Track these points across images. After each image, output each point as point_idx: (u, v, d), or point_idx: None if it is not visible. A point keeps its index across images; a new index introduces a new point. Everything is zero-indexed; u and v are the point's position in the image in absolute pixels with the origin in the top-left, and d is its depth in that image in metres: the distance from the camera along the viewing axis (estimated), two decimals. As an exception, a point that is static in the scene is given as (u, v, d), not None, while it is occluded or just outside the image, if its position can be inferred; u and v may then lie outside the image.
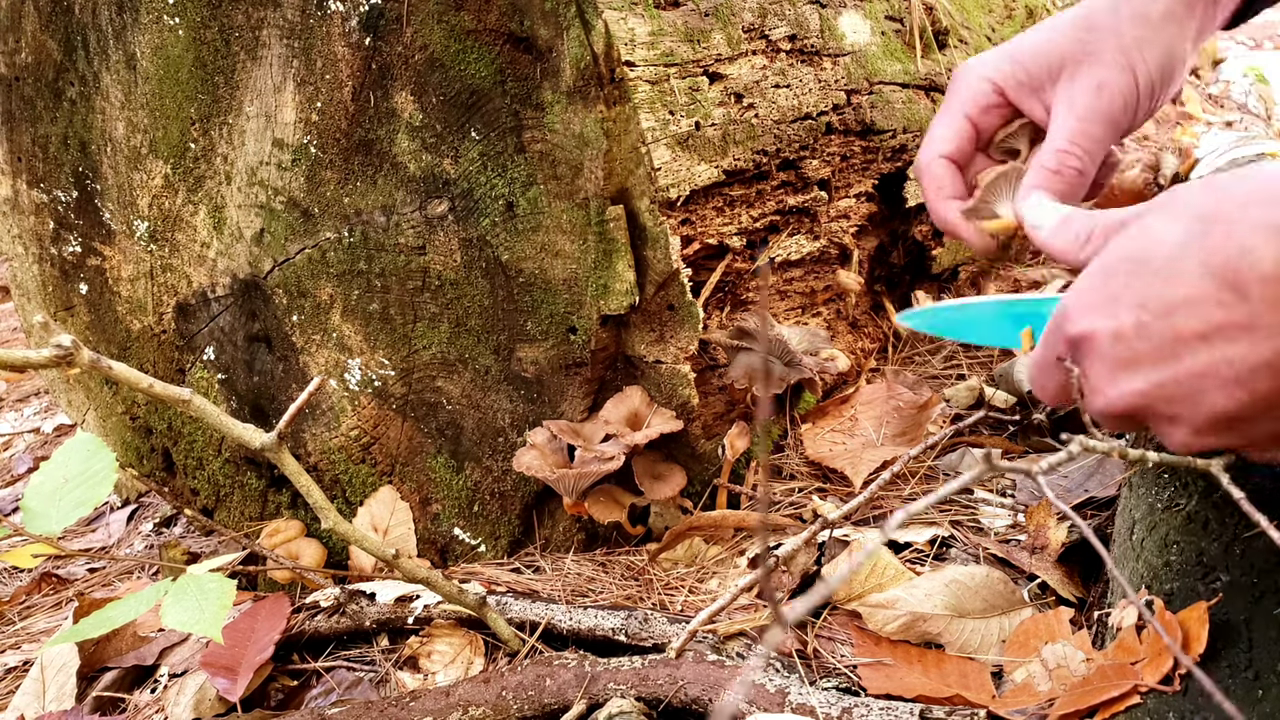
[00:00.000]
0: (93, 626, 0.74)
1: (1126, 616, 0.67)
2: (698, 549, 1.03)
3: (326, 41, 0.96)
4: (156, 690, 1.00)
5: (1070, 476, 1.03)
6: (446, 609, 0.96)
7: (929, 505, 0.47)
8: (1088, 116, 0.75)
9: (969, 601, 0.82)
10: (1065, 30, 0.76)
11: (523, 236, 0.94)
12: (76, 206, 1.22)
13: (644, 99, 0.88)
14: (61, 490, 0.80)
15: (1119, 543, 0.80)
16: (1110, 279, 0.57)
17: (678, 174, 0.91)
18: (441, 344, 1.03)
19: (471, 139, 0.92)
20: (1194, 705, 0.57)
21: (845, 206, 1.15)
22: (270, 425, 1.00)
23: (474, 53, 0.89)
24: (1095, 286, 0.58)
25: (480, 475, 1.08)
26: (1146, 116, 0.77)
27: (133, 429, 1.31)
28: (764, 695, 0.73)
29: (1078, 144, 0.75)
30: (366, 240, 1.02)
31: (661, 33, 0.91)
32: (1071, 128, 0.75)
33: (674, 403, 0.98)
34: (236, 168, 1.07)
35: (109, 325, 1.26)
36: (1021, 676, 0.74)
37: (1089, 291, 0.58)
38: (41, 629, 1.23)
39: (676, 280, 0.93)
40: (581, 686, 0.79)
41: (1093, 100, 0.74)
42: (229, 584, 0.74)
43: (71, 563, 1.48)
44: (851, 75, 1.12)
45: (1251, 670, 0.56)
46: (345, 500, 1.17)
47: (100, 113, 1.15)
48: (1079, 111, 0.75)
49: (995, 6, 1.61)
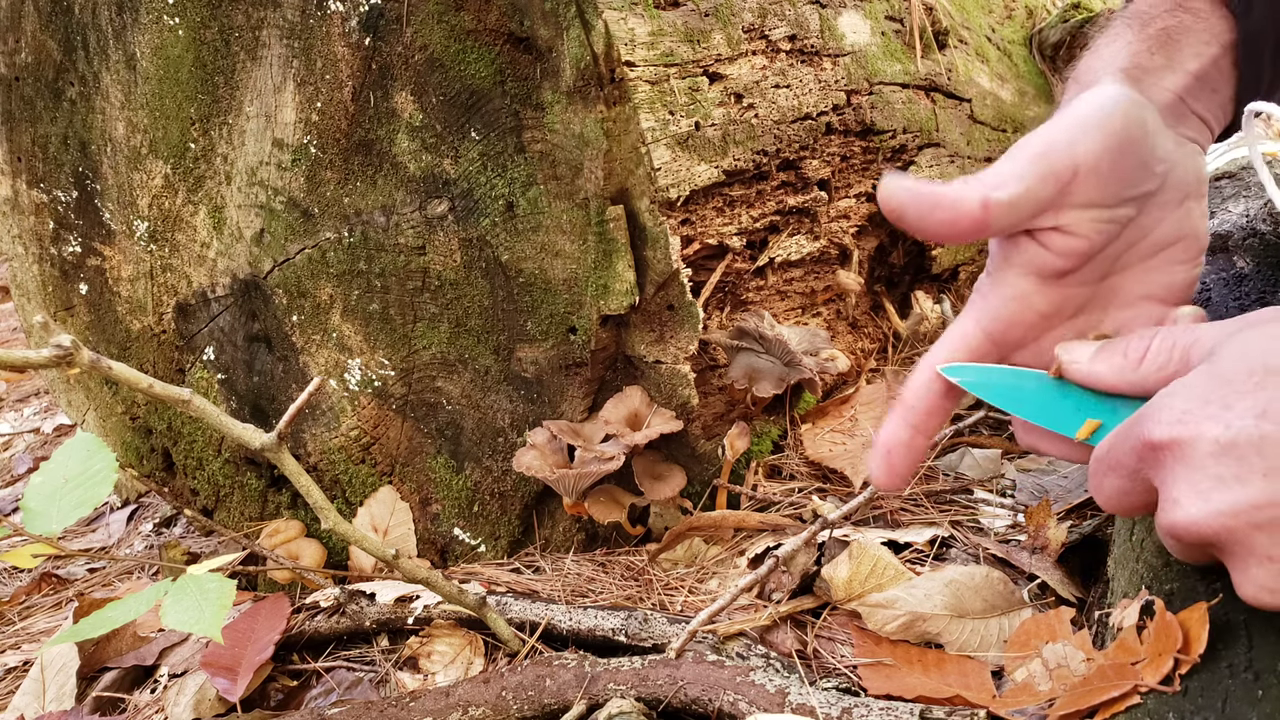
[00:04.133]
0: (93, 626, 0.74)
1: (1127, 616, 0.67)
2: (698, 549, 1.03)
3: (326, 41, 0.96)
4: (156, 690, 1.00)
5: (1070, 476, 1.03)
6: (446, 609, 0.96)
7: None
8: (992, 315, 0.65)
9: (969, 601, 0.82)
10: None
11: (523, 236, 0.94)
12: (76, 206, 1.22)
13: (644, 99, 0.88)
14: (61, 490, 0.80)
15: (1119, 543, 0.80)
16: (1225, 386, 0.49)
17: (678, 174, 0.91)
18: (441, 344, 1.03)
19: (471, 139, 0.92)
20: (1194, 705, 0.57)
21: (845, 207, 1.15)
22: (270, 425, 1.00)
23: (474, 53, 0.89)
24: (1201, 394, 0.50)
25: (480, 475, 1.08)
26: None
27: (133, 429, 1.31)
28: (764, 695, 0.73)
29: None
30: (366, 240, 1.02)
31: (661, 33, 0.91)
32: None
33: (674, 403, 0.98)
34: (236, 168, 1.07)
35: (109, 325, 1.26)
36: (1021, 676, 0.74)
37: (1190, 398, 0.50)
38: (41, 629, 1.23)
39: (676, 280, 0.93)
40: (581, 687, 0.79)
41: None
42: (229, 584, 0.74)
43: (71, 563, 1.48)
44: (851, 75, 1.12)
45: (1251, 670, 0.56)
46: (345, 500, 1.17)
47: (100, 113, 1.15)
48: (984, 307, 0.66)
49: (995, 6, 1.61)
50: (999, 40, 1.55)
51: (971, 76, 1.39)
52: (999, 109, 1.46)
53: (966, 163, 1.36)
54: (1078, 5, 1.68)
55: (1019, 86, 1.55)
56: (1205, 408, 0.49)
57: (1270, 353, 0.49)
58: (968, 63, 1.40)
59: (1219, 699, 0.56)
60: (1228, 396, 0.48)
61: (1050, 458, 0.90)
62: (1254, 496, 0.46)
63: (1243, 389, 0.48)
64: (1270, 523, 0.46)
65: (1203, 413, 0.49)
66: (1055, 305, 0.65)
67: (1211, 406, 0.49)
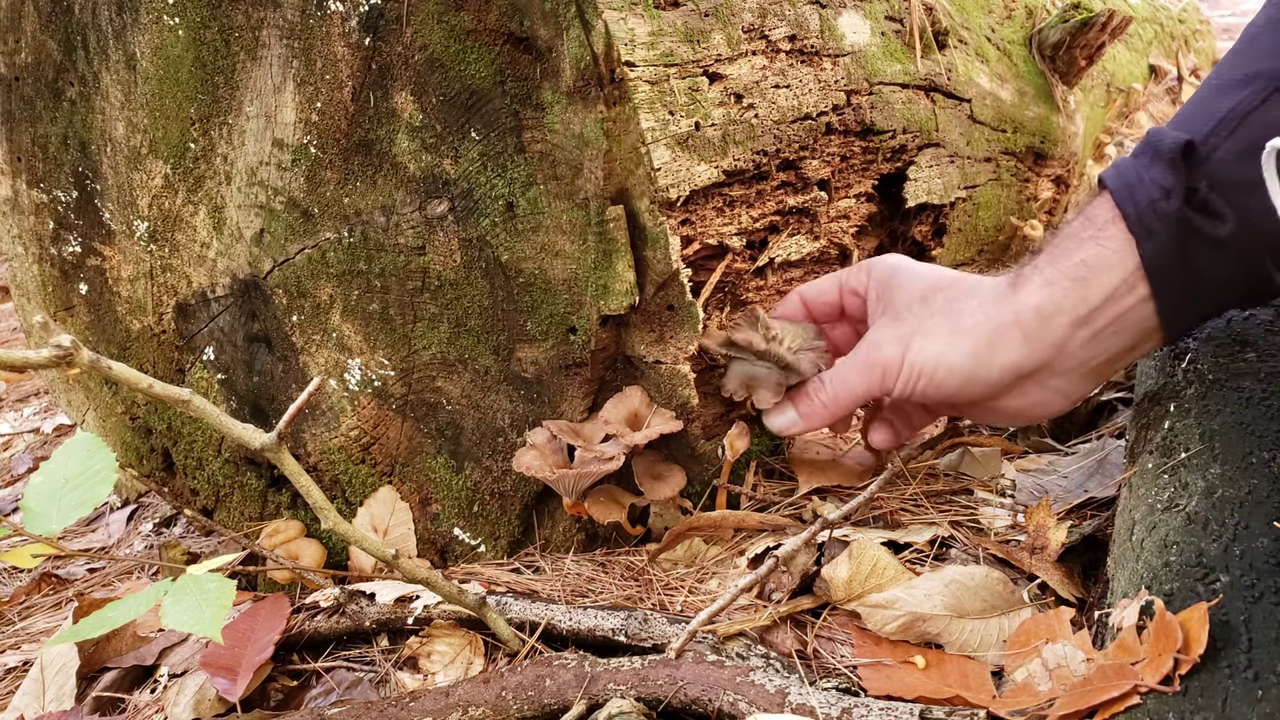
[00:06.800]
0: (92, 626, 0.74)
1: (1126, 616, 0.67)
2: (697, 549, 1.03)
3: (326, 42, 0.96)
4: (156, 690, 1.00)
5: (1070, 477, 1.03)
6: (446, 609, 0.96)
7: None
8: (854, 369, 0.92)
9: (969, 602, 0.82)
10: (935, 285, 0.90)
11: (523, 237, 0.94)
12: (76, 206, 1.22)
13: (644, 99, 0.88)
14: (61, 490, 0.80)
15: (1119, 543, 0.80)
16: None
17: (677, 174, 0.91)
18: (441, 344, 1.03)
19: (471, 139, 0.92)
20: (1194, 705, 0.57)
21: (845, 207, 1.15)
22: (270, 425, 1.00)
23: (474, 53, 0.89)
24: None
25: (480, 475, 1.08)
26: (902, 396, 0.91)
27: (132, 429, 1.31)
28: (764, 695, 0.73)
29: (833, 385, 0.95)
30: (366, 240, 1.02)
31: (661, 33, 0.91)
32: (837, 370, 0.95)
33: (674, 403, 0.98)
34: (236, 168, 1.07)
35: (109, 325, 1.26)
36: (1021, 676, 0.74)
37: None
38: (41, 629, 1.23)
39: (676, 280, 0.93)
40: (581, 687, 0.79)
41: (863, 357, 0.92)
42: (229, 584, 0.74)
43: (71, 563, 1.48)
44: (851, 76, 1.12)
45: (1251, 670, 0.56)
46: (345, 500, 1.17)
47: (100, 113, 1.15)
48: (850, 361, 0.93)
49: (995, 7, 1.61)
50: (999, 40, 1.55)
51: (971, 76, 1.39)
52: (999, 109, 1.46)
53: (966, 163, 1.36)
54: (1078, 5, 1.68)
55: (1019, 86, 1.55)
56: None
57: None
58: (967, 63, 1.40)
59: (1219, 699, 0.56)
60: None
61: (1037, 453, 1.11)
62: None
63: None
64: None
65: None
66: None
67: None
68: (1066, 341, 0.81)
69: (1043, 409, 0.88)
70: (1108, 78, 2.14)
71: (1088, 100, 1.96)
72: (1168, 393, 0.89)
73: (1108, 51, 1.66)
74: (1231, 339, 0.89)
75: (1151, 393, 0.93)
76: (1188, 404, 0.85)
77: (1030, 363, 0.83)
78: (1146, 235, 0.76)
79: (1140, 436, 0.90)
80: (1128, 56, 2.34)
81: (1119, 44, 2.15)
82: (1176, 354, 0.93)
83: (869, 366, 0.90)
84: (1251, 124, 0.74)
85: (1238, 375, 0.83)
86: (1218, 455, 0.75)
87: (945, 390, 0.87)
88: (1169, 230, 0.76)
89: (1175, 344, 0.94)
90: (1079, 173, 1.81)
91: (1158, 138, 0.78)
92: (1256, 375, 0.82)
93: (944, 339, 0.85)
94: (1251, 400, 0.79)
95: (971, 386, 0.85)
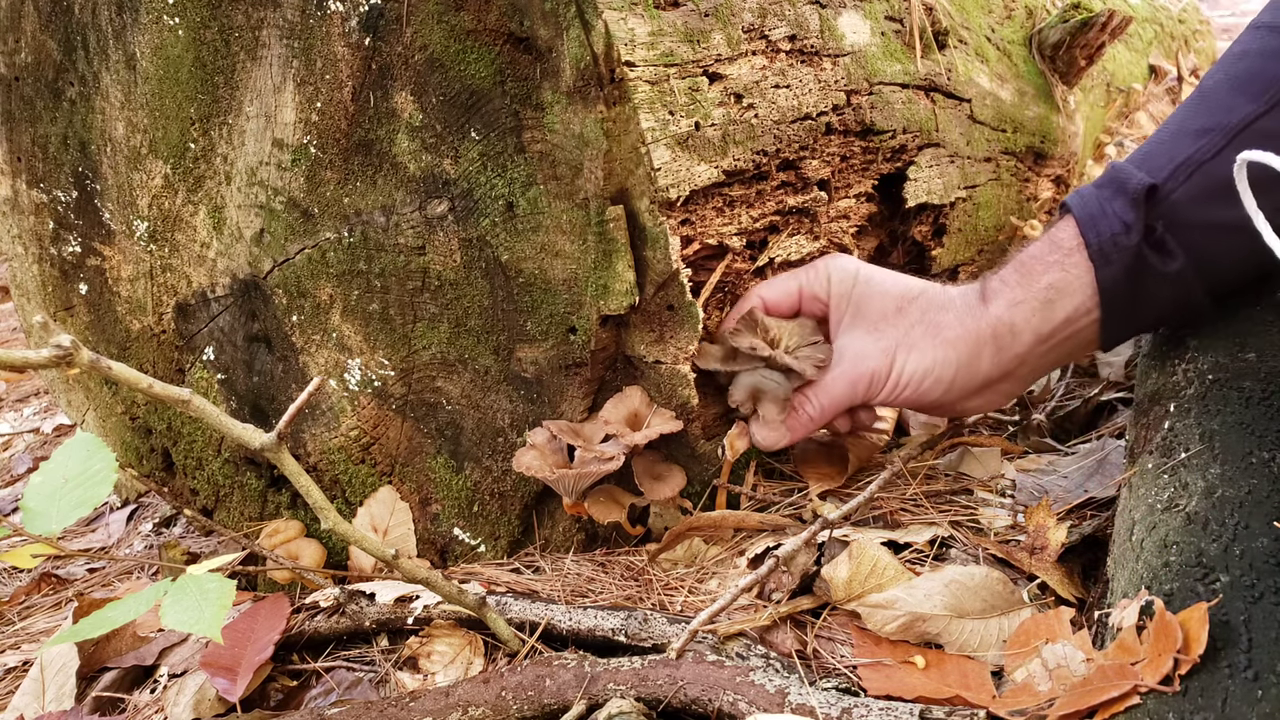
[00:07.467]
0: (92, 626, 0.74)
1: (1126, 616, 0.67)
2: (697, 549, 1.03)
3: (326, 42, 0.96)
4: (156, 690, 1.00)
5: (1070, 477, 1.03)
6: (446, 609, 0.96)
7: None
8: (840, 381, 0.97)
9: (969, 602, 0.82)
10: (902, 292, 0.97)
11: (522, 236, 0.94)
12: (76, 206, 1.22)
13: (644, 99, 0.88)
14: (61, 490, 0.80)
15: (1119, 543, 0.80)
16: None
17: (677, 174, 0.91)
18: (441, 344, 1.03)
19: (471, 139, 0.92)
20: (1194, 705, 0.57)
21: (845, 207, 1.15)
22: (270, 425, 1.00)
23: (474, 53, 0.89)
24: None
25: (480, 475, 1.08)
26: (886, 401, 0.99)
27: (132, 429, 1.31)
28: (764, 695, 0.73)
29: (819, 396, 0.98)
30: (366, 240, 1.02)
31: (661, 33, 0.91)
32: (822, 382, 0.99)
33: (674, 403, 0.98)
34: (236, 168, 1.07)
35: (109, 325, 1.26)
36: (1021, 676, 0.74)
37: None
38: (41, 629, 1.23)
39: (676, 280, 0.93)
40: (581, 687, 0.79)
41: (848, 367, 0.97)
42: (229, 584, 0.74)
43: (71, 563, 1.48)
44: (851, 75, 1.12)
45: (1251, 670, 0.56)
46: (345, 500, 1.17)
47: (100, 113, 1.15)
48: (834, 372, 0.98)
49: (995, 7, 1.61)
50: (999, 40, 1.55)
51: (971, 76, 1.39)
52: (999, 109, 1.46)
53: (966, 163, 1.36)
54: (1078, 5, 1.68)
55: (1019, 86, 1.55)
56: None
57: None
58: (967, 63, 1.40)
59: (1219, 699, 0.56)
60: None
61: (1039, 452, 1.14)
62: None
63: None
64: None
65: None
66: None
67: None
68: (1028, 355, 0.92)
69: (989, 408, 1.02)
70: (1108, 78, 2.14)
71: (1088, 100, 1.96)
72: (1168, 393, 0.89)
73: (1108, 51, 1.66)
74: (1231, 339, 0.89)
75: (1151, 393, 0.93)
76: (1188, 404, 0.85)
77: (998, 372, 0.93)
78: (1104, 263, 0.86)
79: (1140, 436, 0.90)
80: (1128, 56, 2.34)
81: (1119, 44, 2.15)
82: (1176, 354, 0.93)
83: (855, 379, 0.96)
84: (1206, 173, 0.84)
85: (1238, 375, 0.83)
86: (1218, 455, 0.75)
87: (928, 397, 0.96)
88: (1124, 261, 0.86)
89: (1175, 344, 0.94)
90: (1079, 173, 1.81)
91: (1124, 175, 0.87)
92: (1256, 375, 0.82)
93: (930, 351, 0.94)
94: (1251, 400, 0.79)
95: (950, 394, 0.95)
